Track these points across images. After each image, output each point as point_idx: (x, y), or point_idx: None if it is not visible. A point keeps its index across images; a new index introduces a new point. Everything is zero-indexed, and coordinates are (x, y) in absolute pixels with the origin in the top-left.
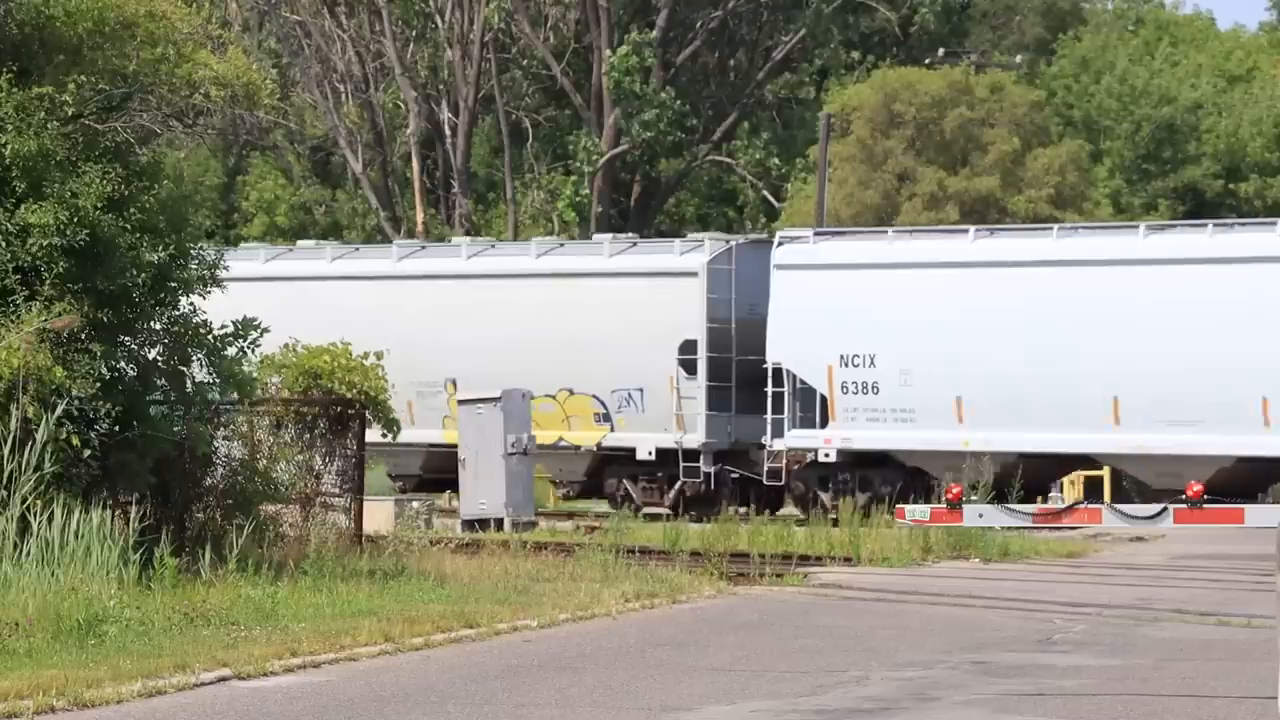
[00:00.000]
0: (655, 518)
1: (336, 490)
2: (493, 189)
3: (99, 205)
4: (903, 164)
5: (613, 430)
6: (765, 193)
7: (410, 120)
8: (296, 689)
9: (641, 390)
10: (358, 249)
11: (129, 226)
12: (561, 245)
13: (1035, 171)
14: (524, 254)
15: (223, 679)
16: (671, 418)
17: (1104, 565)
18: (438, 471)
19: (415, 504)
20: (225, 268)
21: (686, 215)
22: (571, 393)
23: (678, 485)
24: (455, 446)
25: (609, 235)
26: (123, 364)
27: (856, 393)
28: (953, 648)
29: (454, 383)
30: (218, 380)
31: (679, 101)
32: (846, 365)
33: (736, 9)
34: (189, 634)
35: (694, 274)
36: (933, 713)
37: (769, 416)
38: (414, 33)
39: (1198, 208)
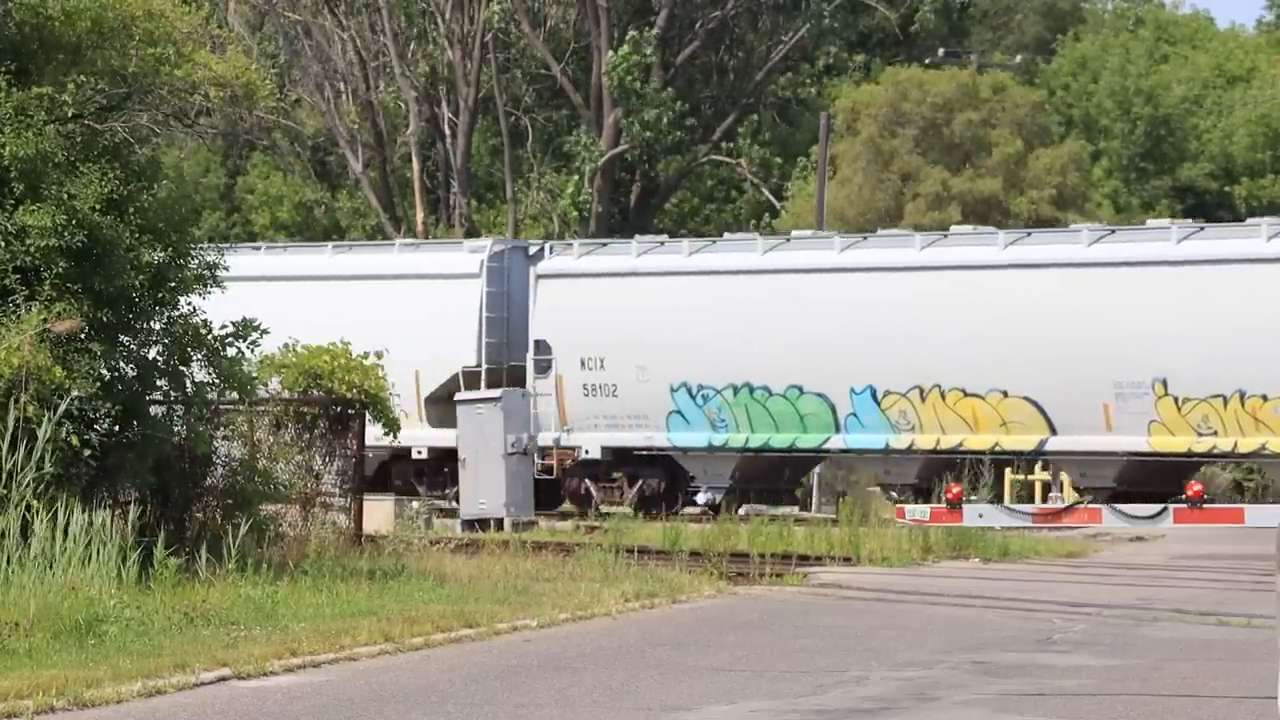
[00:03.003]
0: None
1: (336, 490)
2: (492, 189)
3: (97, 206)
4: (908, 164)
5: None
6: (766, 192)
7: (410, 120)
8: (296, 689)
9: None
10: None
11: (128, 227)
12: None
13: (1036, 172)
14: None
15: (223, 679)
16: None
17: (1104, 565)
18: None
19: (415, 504)
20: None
21: (686, 215)
22: None
23: None
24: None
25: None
26: (122, 364)
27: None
28: (953, 648)
29: (1162, 383)
30: (218, 380)
31: (679, 101)
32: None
33: (736, 9)
34: (189, 634)
35: None
36: (933, 713)
37: None
38: (414, 32)
39: (1196, 208)
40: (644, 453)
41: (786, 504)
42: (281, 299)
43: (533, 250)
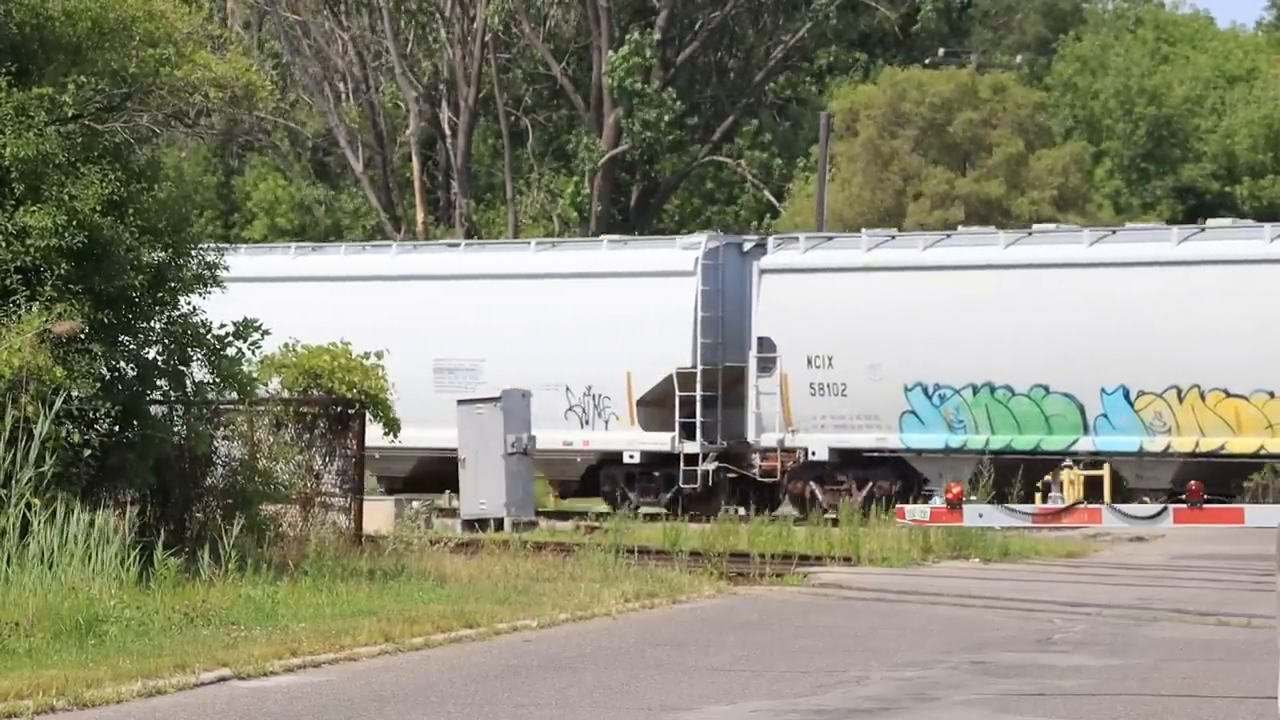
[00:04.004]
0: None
1: (336, 490)
2: (492, 189)
3: (98, 207)
4: (909, 165)
5: None
6: (767, 193)
7: (410, 120)
8: (296, 689)
9: None
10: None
11: (128, 228)
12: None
13: (1038, 173)
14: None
15: (223, 679)
16: None
17: (1104, 565)
18: None
19: (415, 504)
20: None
21: (686, 215)
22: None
23: None
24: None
25: None
26: (123, 364)
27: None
28: (953, 648)
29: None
30: (218, 380)
31: (679, 101)
32: None
33: (737, 8)
34: (189, 634)
35: None
36: (933, 713)
37: None
38: (414, 33)
39: (1197, 208)
40: (874, 454)
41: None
42: (475, 298)
43: (747, 246)
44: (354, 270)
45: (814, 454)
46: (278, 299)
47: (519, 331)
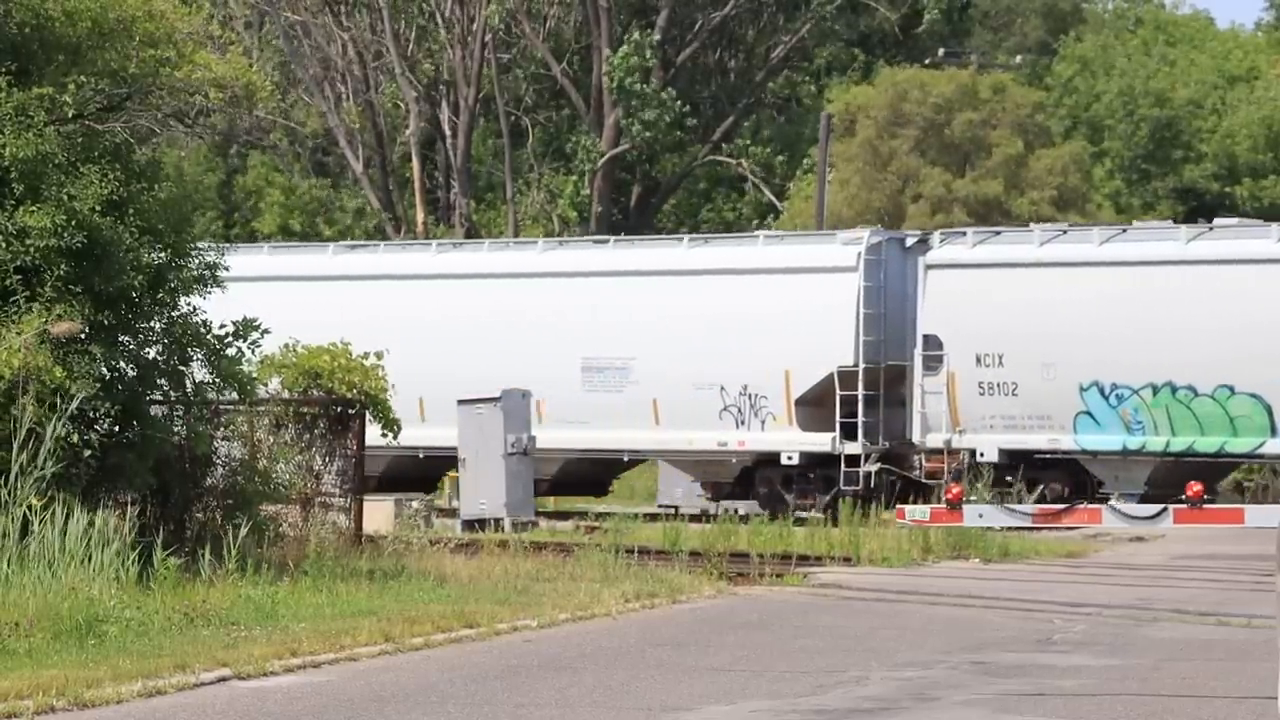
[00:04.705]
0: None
1: (336, 490)
2: (492, 189)
3: (97, 207)
4: (908, 165)
5: None
6: (767, 193)
7: (410, 120)
8: (296, 689)
9: None
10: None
11: (128, 228)
12: None
13: (1037, 173)
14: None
15: (223, 679)
16: None
17: (1104, 565)
18: None
19: (414, 504)
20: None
21: (684, 214)
22: None
23: None
24: None
25: None
26: (122, 364)
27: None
28: (953, 648)
29: None
30: (218, 380)
31: (679, 101)
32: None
33: (737, 8)
34: (189, 634)
35: None
36: (933, 713)
37: None
38: (414, 33)
39: (1198, 209)
40: (1046, 456)
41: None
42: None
43: (909, 241)
44: (496, 268)
45: (983, 455)
46: (411, 298)
47: (671, 329)
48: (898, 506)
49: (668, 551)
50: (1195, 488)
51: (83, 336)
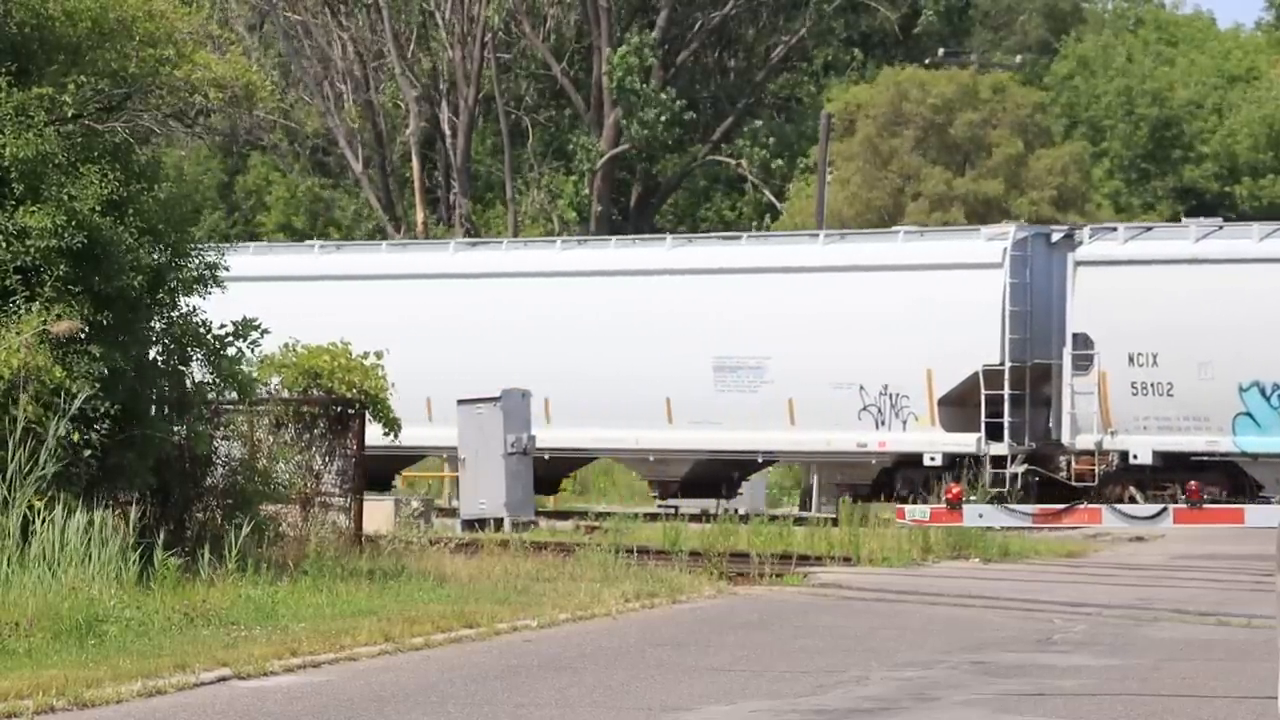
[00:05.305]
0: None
1: (336, 490)
2: (492, 189)
3: (97, 207)
4: (908, 164)
5: None
6: (767, 192)
7: (410, 120)
8: (296, 689)
9: None
10: None
11: (128, 229)
12: None
13: (1037, 173)
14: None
15: (223, 679)
16: None
17: (1104, 565)
18: None
19: (414, 503)
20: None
21: (684, 215)
22: None
23: None
24: None
25: None
26: (122, 364)
27: None
28: (953, 648)
29: None
30: (218, 380)
31: (679, 101)
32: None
33: (737, 8)
34: (189, 634)
35: None
36: (933, 713)
37: None
38: (414, 33)
39: (1198, 208)
40: (1202, 458)
41: None
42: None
43: (1055, 237)
44: (622, 265)
45: (1135, 457)
46: (538, 296)
47: (807, 328)
48: (898, 506)
49: (668, 551)
50: (1195, 487)
51: (82, 336)
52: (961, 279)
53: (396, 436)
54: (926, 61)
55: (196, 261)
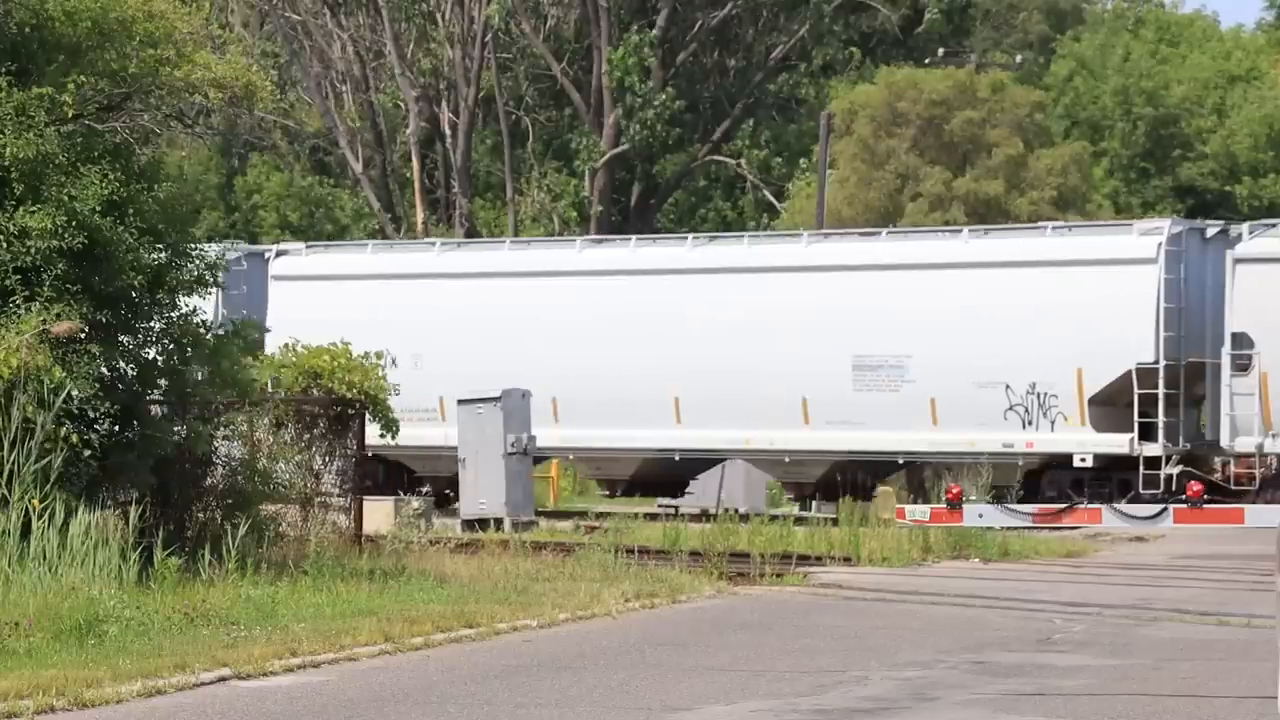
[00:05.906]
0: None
1: (336, 490)
2: (492, 189)
3: (98, 208)
4: (906, 164)
5: None
6: (767, 192)
7: (410, 120)
8: (296, 689)
9: None
10: None
11: (129, 229)
12: None
13: (1037, 172)
14: None
15: (223, 679)
16: None
17: (1104, 565)
18: None
19: (414, 503)
20: None
21: (684, 214)
22: None
23: None
24: None
25: None
26: (122, 364)
27: None
28: (953, 648)
29: None
30: (218, 380)
31: (679, 101)
32: None
33: (736, 8)
34: (189, 634)
35: None
36: (933, 713)
37: None
38: (414, 33)
39: (1198, 208)
40: None
41: None
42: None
43: (1210, 232)
44: (757, 262)
45: None
46: (665, 294)
47: (950, 325)
48: (898, 506)
49: (668, 551)
50: (1195, 487)
51: (82, 336)
52: (1114, 275)
53: (394, 437)
54: (926, 61)
55: (196, 262)
